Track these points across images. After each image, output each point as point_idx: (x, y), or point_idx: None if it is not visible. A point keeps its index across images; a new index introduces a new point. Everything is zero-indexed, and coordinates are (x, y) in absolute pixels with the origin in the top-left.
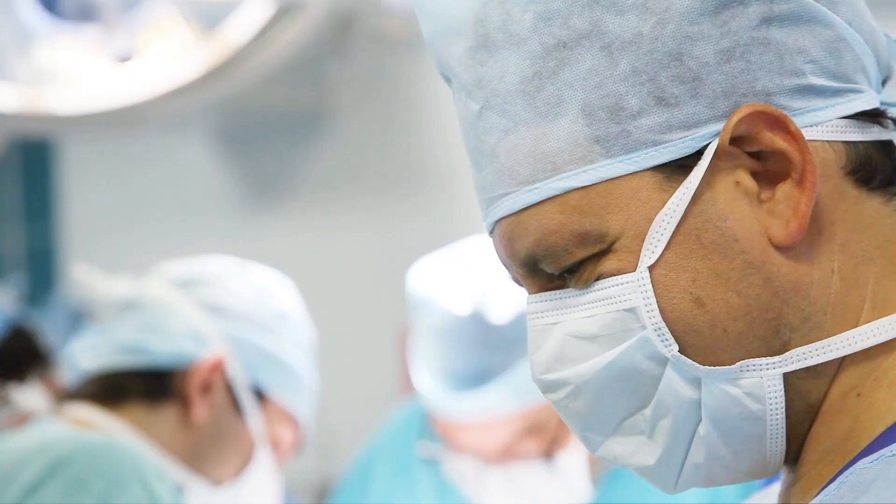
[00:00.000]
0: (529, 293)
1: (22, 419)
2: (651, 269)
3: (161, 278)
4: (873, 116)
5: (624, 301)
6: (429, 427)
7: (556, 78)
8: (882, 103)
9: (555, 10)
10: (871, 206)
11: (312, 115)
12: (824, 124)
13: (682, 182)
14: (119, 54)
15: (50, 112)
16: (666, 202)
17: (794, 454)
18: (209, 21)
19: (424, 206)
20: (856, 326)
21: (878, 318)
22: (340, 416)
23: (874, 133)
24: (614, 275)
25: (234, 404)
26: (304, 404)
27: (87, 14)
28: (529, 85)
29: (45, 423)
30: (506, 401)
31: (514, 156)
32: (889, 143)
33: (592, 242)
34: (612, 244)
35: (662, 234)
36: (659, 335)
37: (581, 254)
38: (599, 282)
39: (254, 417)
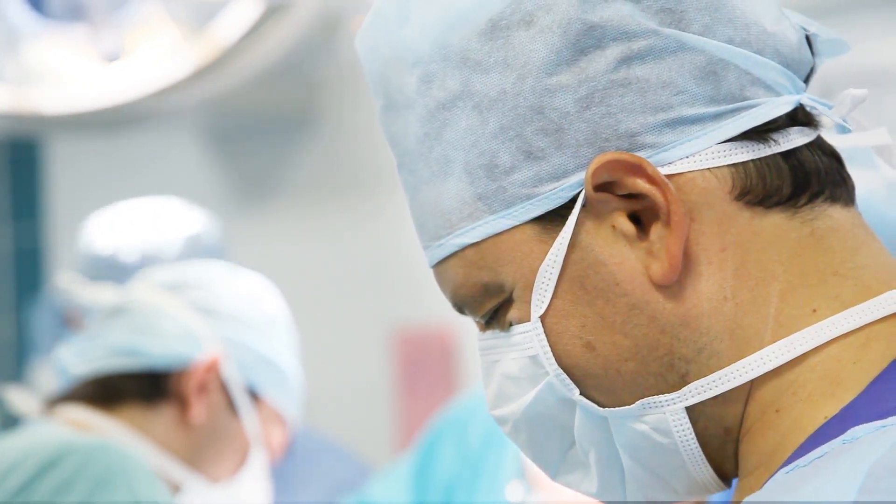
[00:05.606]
0: (479, 331)
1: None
2: (543, 318)
3: (149, 282)
4: (764, 132)
5: (527, 349)
6: (522, 468)
7: (441, 139)
8: (799, 103)
9: (433, 73)
10: (771, 222)
11: (301, 114)
12: (702, 152)
13: (559, 232)
14: (107, 54)
15: (37, 111)
16: (547, 253)
17: (733, 469)
18: (197, 21)
19: None
20: (760, 347)
21: (783, 337)
22: (331, 415)
23: (765, 149)
24: (518, 323)
25: (229, 404)
26: (293, 405)
27: (74, 13)
28: (422, 146)
29: (42, 425)
30: None
31: (423, 212)
32: (794, 150)
33: (495, 293)
34: (511, 294)
35: (547, 285)
36: (560, 380)
37: (490, 303)
38: (512, 328)
39: (249, 417)
